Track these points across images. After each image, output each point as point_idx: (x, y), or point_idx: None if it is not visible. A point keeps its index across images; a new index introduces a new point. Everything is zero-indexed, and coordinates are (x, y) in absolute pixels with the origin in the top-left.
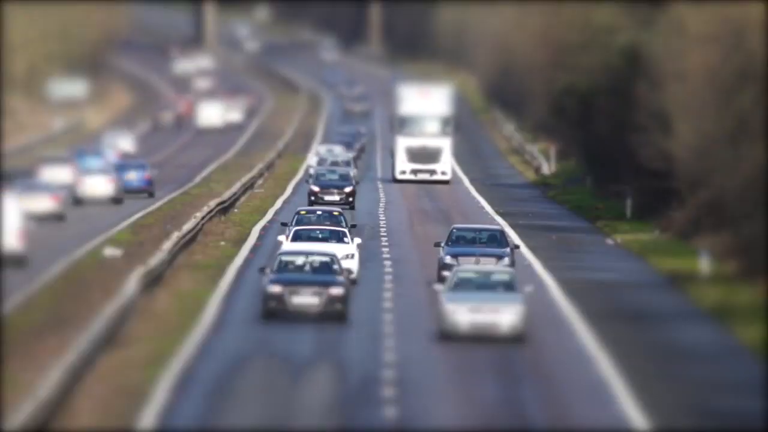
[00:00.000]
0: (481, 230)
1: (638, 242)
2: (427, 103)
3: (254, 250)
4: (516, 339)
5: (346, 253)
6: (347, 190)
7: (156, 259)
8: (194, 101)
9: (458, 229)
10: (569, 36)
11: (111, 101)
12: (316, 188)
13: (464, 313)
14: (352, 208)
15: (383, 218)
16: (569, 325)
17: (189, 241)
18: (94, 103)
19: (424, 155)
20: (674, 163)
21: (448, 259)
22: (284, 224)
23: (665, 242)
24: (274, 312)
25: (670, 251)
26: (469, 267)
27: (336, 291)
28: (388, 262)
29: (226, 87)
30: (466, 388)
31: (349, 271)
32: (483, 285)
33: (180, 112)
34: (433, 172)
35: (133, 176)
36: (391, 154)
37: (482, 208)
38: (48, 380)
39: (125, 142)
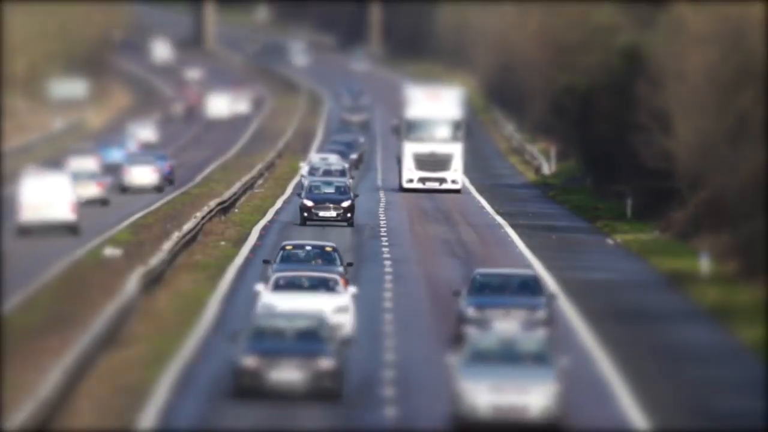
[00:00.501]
0: (510, 276)
1: (638, 242)
2: (436, 106)
3: (254, 250)
4: (550, 426)
5: (338, 306)
6: (345, 204)
7: (156, 259)
8: (203, 93)
9: (482, 276)
10: (569, 36)
11: (111, 101)
12: (309, 203)
13: (485, 393)
14: (351, 225)
15: (383, 218)
16: (569, 325)
17: (189, 241)
18: (94, 103)
19: (433, 162)
20: (674, 163)
21: (471, 312)
22: (266, 262)
23: (665, 242)
24: (249, 390)
25: (670, 251)
26: (487, 335)
27: (325, 364)
28: (388, 262)
29: (221, 80)
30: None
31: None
32: (507, 356)
33: (190, 104)
34: (442, 180)
35: (160, 165)
36: (398, 161)
37: (483, 208)
38: (48, 380)
39: (147, 132)
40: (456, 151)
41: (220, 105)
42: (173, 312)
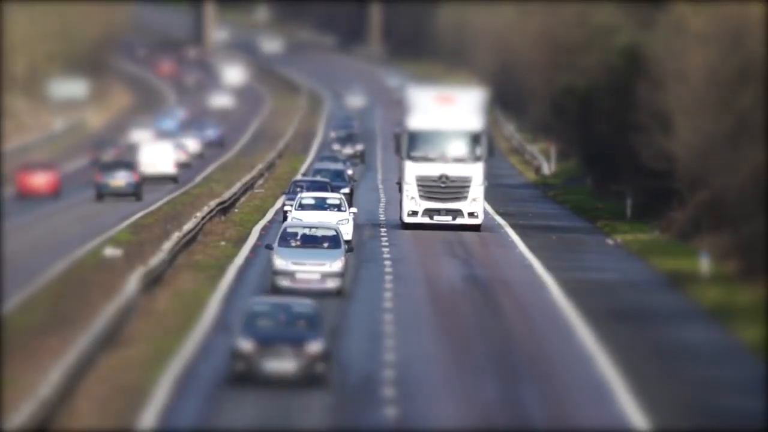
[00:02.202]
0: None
1: (638, 242)
2: (449, 113)
3: (254, 249)
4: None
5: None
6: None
7: (156, 259)
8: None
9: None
10: (569, 36)
11: (111, 101)
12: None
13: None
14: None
15: (383, 218)
16: (569, 324)
17: (189, 241)
18: (94, 103)
19: (444, 189)
20: (674, 163)
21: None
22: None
23: (665, 242)
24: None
25: (670, 251)
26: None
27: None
28: (388, 262)
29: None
30: (466, 387)
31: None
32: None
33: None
34: (456, 213)
35: (212, 133)
36: (399, 188)
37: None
38: (48, 380)
39: (183, 112)
40: (475, 173)
41: (235, 75)
42: (173, 312)
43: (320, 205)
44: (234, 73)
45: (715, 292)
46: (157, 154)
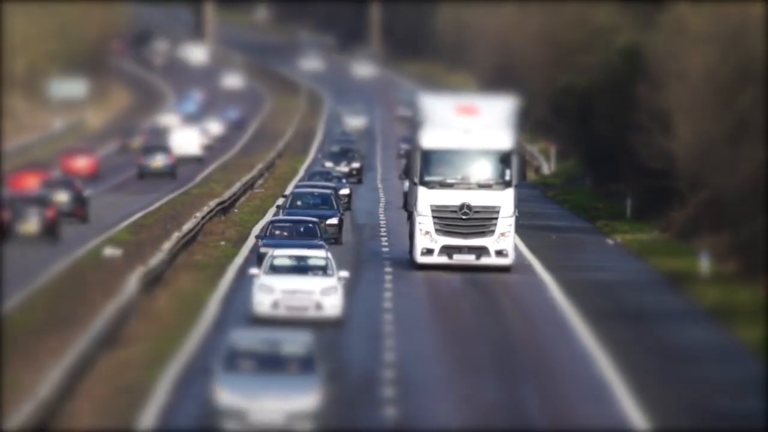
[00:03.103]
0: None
1: (638, 242)
2: (471, 127)
3: (254, 250)
4: None
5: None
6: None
7: (156, 259)
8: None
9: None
10: (569, 36)
11: (111, 101)
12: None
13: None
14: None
15: (383, 218)
16: (569, 324)
17: (189, 241)
18: (94, 103)
19: (466, 222)
20: (674, 163)
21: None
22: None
23: (665, 242)
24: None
25: (670, 251)
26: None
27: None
28: (387, 262)
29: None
30: (466, 388)
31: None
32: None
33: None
34: (481, 251)
35: (233, 114)
36: (409, 221)
37: None
38: (48, 380)
39: (200, 95)
40: (504, 202)
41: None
42: (173, 312)
43: (299, 267)
44: (233, 80)
45: (715, 292)
46: (185, 139)
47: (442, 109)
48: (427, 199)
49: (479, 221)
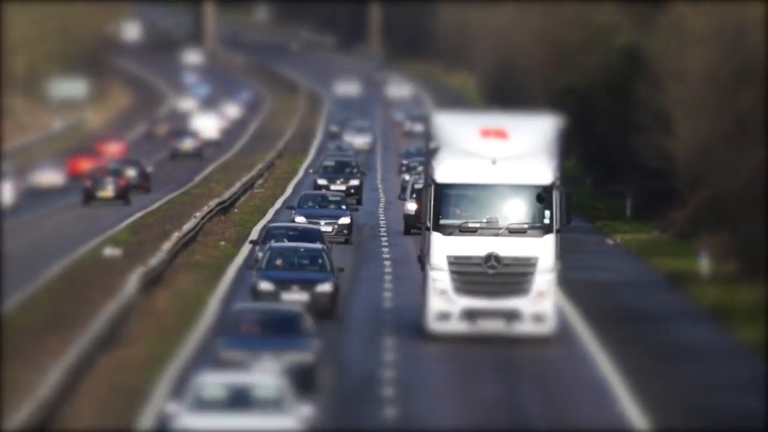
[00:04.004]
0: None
1: (638, 242)
2: (500, 155)
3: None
4: None
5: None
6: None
7: (156, 259)
8: None
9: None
10: (569, 36)
11: (111, 101)
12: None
13: None
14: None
15: (383, 218)
16: (569, 324)
17: (189, 241)
18: (94, 103)
19: (493, 279)
20: (674, 163)
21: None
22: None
23: (665, 242)
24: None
25: (669, 251)
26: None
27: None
28: (388, 262)
29: (221, 80)
30: (466, 387)
31: None
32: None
33: None
34: (513, 315)
35: (245, 96)
36: (423, 276)
37: None
38: (48, 380)
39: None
40: (543, 253)
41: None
42: (173, 312)
43: (240, 399)
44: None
45: (714, 292)
46: (205, 124)
47: (463, 131)
48: (443, 248)
49: (511, 277)
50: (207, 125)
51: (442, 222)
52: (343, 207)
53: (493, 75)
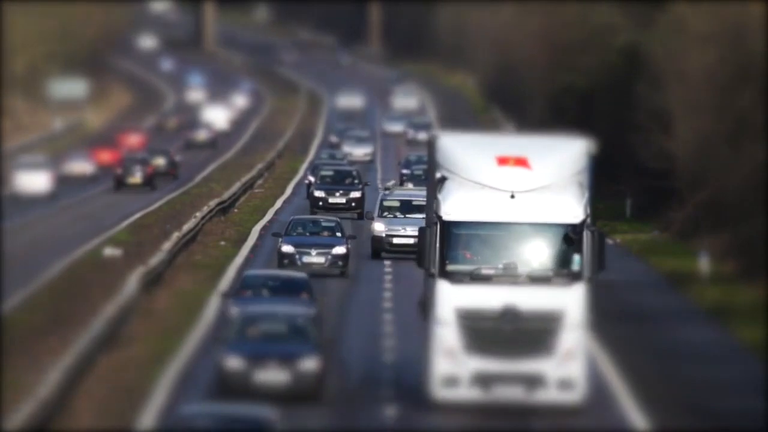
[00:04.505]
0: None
1: (638, 242)
2: (520, 187)
3: (254, 250)
4: None
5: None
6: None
7: (156, 259)
8: None
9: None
10: (569, 36)
11: (111, 101)
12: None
13: None
14: None
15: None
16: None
17: (189, 241)
18: (94, 103)
19: (510, 336)
20: (674, 163)
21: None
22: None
23: (665, 242)
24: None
25: (669, 251)
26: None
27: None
28: (388, 262)
29: (220, 81)
30: None
31: None
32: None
33: None
34: (534, 381)
35: (247, 87)
36: (426, 331)
37: None
38: (48, 380)
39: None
40: (570, 305)
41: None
42: (173, 312)
43: None
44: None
45: (714, 292)
46: (215, 115)
47: (475, 157)
48: (450, 299)
49: (532, 334)
50: (217, 117)
51: (450, 268)
52: (338, 234)
53: (493, 75)
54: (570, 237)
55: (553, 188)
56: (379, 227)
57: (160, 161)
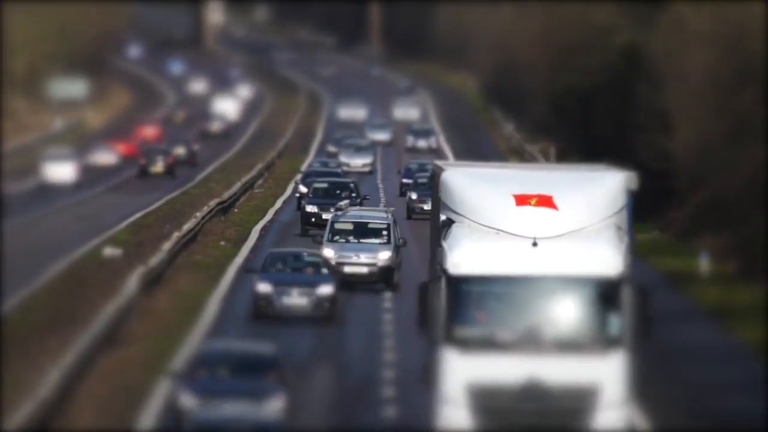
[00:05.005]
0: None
1: (638, 242)
2: (543, 231)
3: (254, 250)
4: None
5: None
6: None
7: (156, 259)
8: None
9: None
10: (569, 36)
11: (111, 101)
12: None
13: None
14: None
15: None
16: None
17: (189, 241)
18: (94, 103)
19: (532, 417)
20: (674, 163)
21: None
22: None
23: (665, 242)
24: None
25: (669, 251)
26: None
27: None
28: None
29: (221, 81)
30: None
31: None
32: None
33: None
34: None
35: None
36: (428, 409)
37: None
38: (48, 380)
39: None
40: (609, 376)
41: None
42: (173, 312)
43: None
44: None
45: (714, 292)
46: (225, 107)
47: (488, 195)
48: (460, 372)
49: (560, 415)
50: (227, 108)
51: (459, 332)
52: (324, 270)
53: (493, 75)
54: (606, 293)
55: (584, 233)
56: (329, 253)
57: (180, 150)
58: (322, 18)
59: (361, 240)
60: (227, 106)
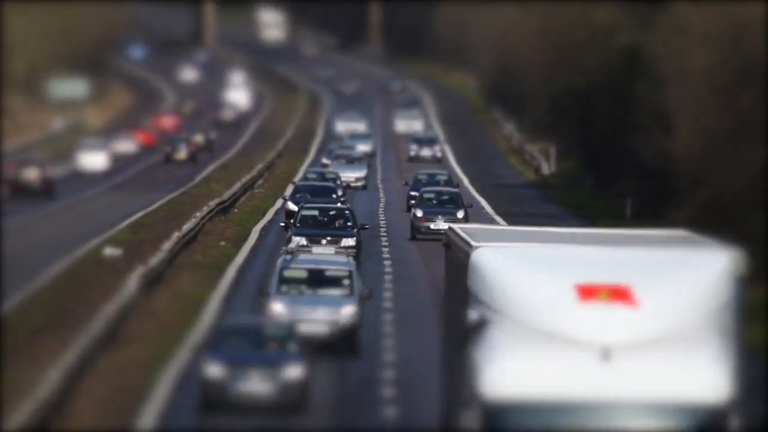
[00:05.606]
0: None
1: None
2: (617, 339)
3: (254, 250)
4: None
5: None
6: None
7: (156, 258)
8: None
9: None
10: (569, 36)
11: (111, 101)
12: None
13: None
14: None
15: (383, 218)
16: None
17: (189, 241)
18: (94, 103)
19: None
20: (674, 163)
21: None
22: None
23: None
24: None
25: None
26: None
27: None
28: (388, 262)
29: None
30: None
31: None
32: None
33: None
34: None
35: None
36: None
37: (482, 208)
38: (48, 380)
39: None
40: None
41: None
42: (173, 312)
43: None
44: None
45: None
46: (236, 97)
47: (539, 285)
48: None
49: None
50: (239, 98)
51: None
52: (293, 346)
53: (493, 75)
54: (707, 428)
55: (675, 340)
56: (278, 309)
57: (198, 138)
58: (322, 18)
59: (317, 290)
60: (239, 96)
